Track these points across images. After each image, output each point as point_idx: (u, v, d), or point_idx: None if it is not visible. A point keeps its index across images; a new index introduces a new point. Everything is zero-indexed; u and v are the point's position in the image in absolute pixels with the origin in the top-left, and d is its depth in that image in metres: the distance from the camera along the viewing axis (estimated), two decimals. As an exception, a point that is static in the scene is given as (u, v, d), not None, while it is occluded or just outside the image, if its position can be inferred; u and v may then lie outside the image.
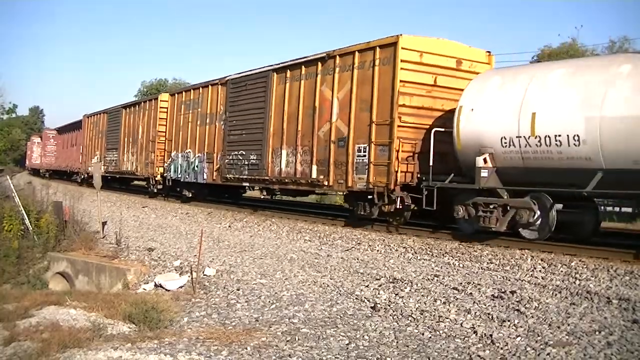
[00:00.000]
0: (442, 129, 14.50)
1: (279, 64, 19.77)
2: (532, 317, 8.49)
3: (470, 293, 9.78)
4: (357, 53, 16.41)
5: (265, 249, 14.75)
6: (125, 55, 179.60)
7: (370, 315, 9.39)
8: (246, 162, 21.01)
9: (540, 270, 10.65)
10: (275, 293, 10.79)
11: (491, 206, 13.09)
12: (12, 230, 16.51)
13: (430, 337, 8.25)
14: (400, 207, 15.05)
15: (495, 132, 12.81)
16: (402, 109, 15.15)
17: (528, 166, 12.38)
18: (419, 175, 14.92)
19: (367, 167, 15.77)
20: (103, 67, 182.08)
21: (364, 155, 15.90)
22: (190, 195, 26.05)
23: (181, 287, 11.89)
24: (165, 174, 27.64)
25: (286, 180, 18.98)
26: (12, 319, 9.12)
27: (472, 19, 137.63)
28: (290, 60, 19.27)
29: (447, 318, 8.82)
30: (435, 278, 10.79)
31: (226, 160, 22.16)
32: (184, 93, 26.81)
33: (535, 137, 12.00)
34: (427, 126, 15.13)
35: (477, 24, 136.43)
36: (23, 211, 17.49)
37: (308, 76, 18.27)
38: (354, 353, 7.69)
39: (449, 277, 10.82)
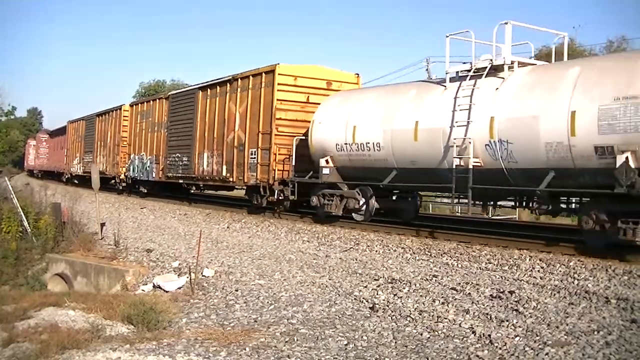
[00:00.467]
0: (303, 137, 18.40)
1: (203, 83, 24.56)
2: (531, 317, 8.49)
3: (469, 293, 9.78)
4: (251, 77, 20.75)
5: (263, 250, 14.75)
6: (124, 56, 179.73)
7: (368, 315, 9.39)
8: (181, 163, 25.69)
9: (538, 270, 10.66)
10: (274, 294, 10.79)
11: (332, 196, 17.19)
12: (11, 232, 16.53)
13: (428, 338, 8.24)
14: (281, 197, 19.08)
15: (332, 140, 16.91)
16: (278, 121, 19.30)
17: (353, 165, 16.60)
18: (294, 174, 18.52)
19: (256, 166, 19.99)
20: (102, 68, 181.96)
21: (254, 158, 20.12)
22: (146, 191, 30.53)
23: (180, 288, 11.88)
24: (127, 173, 32.29)
25: (207, 178, 23.55)
26: (11, 320, 9.13)
27: (471, 19, 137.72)
28: (211, 81, 23.88)
29: (446, 318, 8.82)
30: (434, 278, 10.79)
31: (168, 162, 26.98)
32: (139, 105, 32.00)
33: (356, 144, 16.17)
34: (301, 135, 18.76)
35: (476, 24, 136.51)
36: (21, 213, 17.49)
37: (221, 94, 22.65)
38: (353, 353, 7.69)
39: (447, 277, 10.82)
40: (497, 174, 12.90)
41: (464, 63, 14.22)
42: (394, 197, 17.77)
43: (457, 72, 14.31)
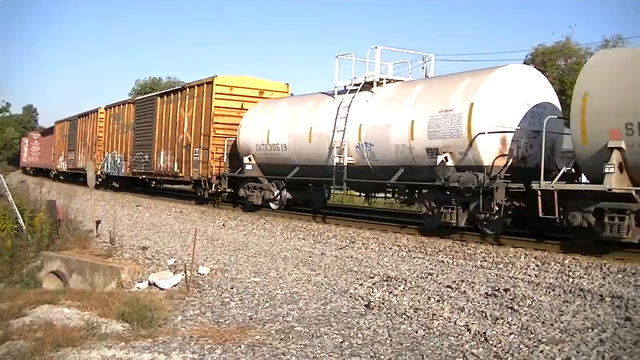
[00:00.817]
0: (234, 138, 21.79)
1: (161, 92, 29.49)
2: (526, 314, 8.52)
3: (464, 291, 9.80)
4: (196, 87, 24.39)
5: (259, 248, 14.75)
6: (120, 53, 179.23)
7: (364, 313, 9.40)
8: (143, 161, 29.19)
9: (533, 268, 10.69)
10: (269, 291, 10.79)
11: (255, 188, 20.54)
12: (6, 230, 16.44)
13: (423, 335, 8.25)
14: (219, 190, 22.47)
15: (254, 141, 20.46)
16: (216, 125, 22.79)
17: (269, 162, 20.06)
18: (229, 169, 21.98)
19: (199, 163, 23.37)
20: (98, 65, 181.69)
21: (198, 156, 23.54)
22: (117, 185, 34.36)
23: (175, 285, 11.87)
24: (102, 170, 35.54)
25: (163, 173, 27.18)
26: (6, 318, 9.09)
27: (467, 18, 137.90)
28: (167, 90, 28.73)
29: (441, 316, 8.84)
30: (429, 276, 10.82)
31: (133, 159, 30.66)
32: (112, 108, 35.58)
33: (270, 145, 19.68)
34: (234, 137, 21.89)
35: (472, 23, 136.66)
36: (16, 210, 17.42)
37: (174, 101, 26.34)
38: (348, 351, 7.69)
39: (442, 275, 10.84)
40: (366, 169, 16.18)
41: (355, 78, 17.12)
42: (310, 190, 20.69)
43: (345, 86, 17.25)
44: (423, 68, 17.14)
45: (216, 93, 22.90)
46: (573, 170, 12.38)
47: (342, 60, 17.55)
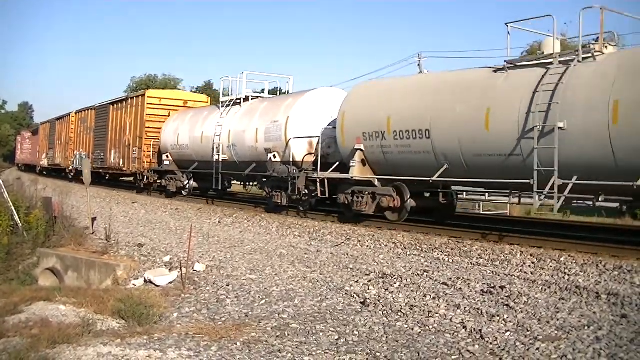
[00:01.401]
0: (158, 139, 27.98)
1: (113, 100, 34.66)
2: (522, 312, 8.52)
3: (460, 288, 9.80)
4: (135, 98, 31.12)
5: (255, 245, 14.74)
6: (116, 50, 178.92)
7: (359, 310, 9.39)
8: (100, 158, 35.13)
9: (529, 266, 10.69)
10: (265, 288, 10.78)
11: (172, 179, 26.33)
12: (2, 227, 16.41)
13: (419, 332, 8.25)
14: (152, 181, 28.51)
15: (169, 142, 26.55)
16: (147, 129, 28.86)
17: (179, 159, 26.00)
18: (156, 164, 27.96)
19: (135, 160, 29.34)
20: (95, 62, 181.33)
21: (135, 154, 29.40)
22: None
23: (171, 282, 11.84)
24: (73, 166, 41.74)
25: (113, 168, 33.09)
26: (2, 315, 9.07)
27: (463, 16, 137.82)
28: (117, 99, 34.19)
29: (437, 313, 8.83)
30: (425, 273, 10.81)
31: (94, 156, 36.33)
32: (80, 113, 41.66)
33: (179, 145, 25.59)
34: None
35: (468, 20, 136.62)
36: (12, 207, 17.38)
37: (121, 109, 32.45)
38: (344, 348, 7.69)
39: (438, 272, 10.84)
40: (234, 164, 21.73)
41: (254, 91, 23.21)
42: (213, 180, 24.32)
43: (228, 100, 22.93)
44: (287, 85, 23.54)
45: (147, 104, 29.14)
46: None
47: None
